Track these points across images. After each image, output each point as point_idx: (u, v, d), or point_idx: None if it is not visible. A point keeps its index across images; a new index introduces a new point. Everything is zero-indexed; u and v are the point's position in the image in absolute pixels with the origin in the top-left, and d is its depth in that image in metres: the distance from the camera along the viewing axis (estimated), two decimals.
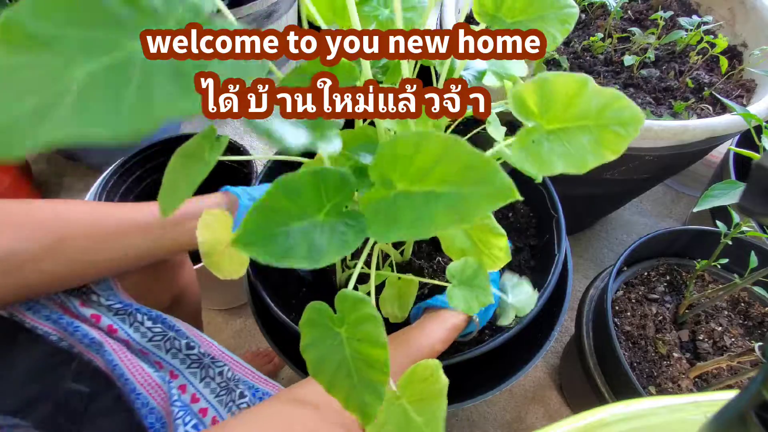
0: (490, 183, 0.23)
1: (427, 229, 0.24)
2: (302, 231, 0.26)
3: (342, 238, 0.26)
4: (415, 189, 0.25)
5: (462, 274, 0.43)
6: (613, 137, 0.32)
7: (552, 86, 0.32)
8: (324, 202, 0.27)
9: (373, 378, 0.32)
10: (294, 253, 0.25)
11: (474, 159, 0.24)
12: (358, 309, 0.33)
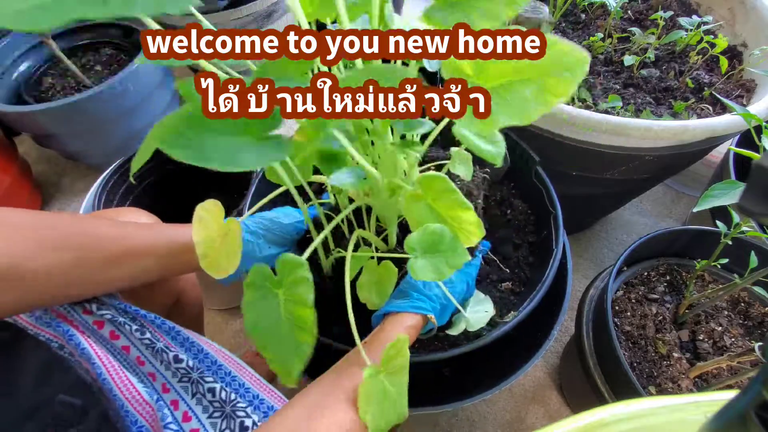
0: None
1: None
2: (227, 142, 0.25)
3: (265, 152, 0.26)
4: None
5: (422, 243, 0.41)
6: (558, 83, 0.31)
7: None
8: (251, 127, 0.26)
9: (301, 339, 0.34)
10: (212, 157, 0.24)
11: None
12: (294, 272, 0.34)
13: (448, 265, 0.41)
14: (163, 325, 0.50)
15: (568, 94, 0.31)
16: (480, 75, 0.32)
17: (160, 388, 0.48)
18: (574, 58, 0.30)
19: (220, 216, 0.43)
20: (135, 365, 0.49)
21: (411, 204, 0.41)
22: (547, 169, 0.68)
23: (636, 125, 0.69)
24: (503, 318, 0.59)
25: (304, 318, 0.34)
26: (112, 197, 0.91)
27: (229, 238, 0.44)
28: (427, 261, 0.41)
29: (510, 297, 0.63)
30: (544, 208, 0.68)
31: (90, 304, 0.47)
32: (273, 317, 0.35)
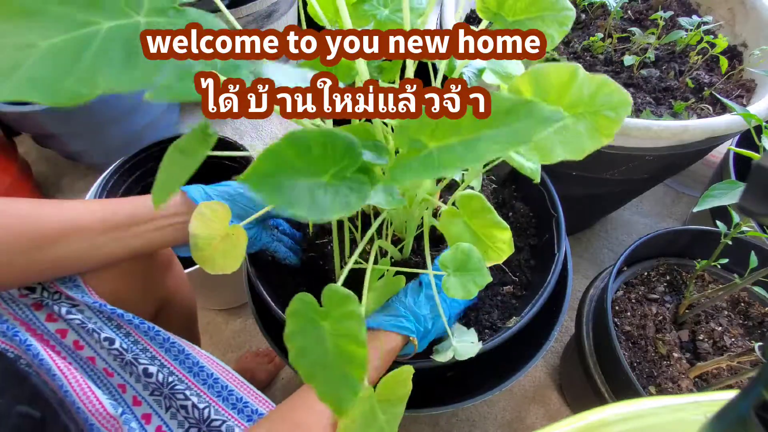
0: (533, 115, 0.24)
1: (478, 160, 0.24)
2: (307, 187, 0.26)
3: (345, 200, 0.26)
4: (454, 140, 0.26)
5: (454, 261, 0.43)
6: (606, 121, 0.33)
7: (545, 76, 0.33)
8: (329, 165, 0.27)
9: (351, 373, 0.33)
10: (298, 205, 0.25)
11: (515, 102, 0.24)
12: (343, 305, 0.34)
13: (475, 284, 0.43)
14: (141, 325, 0.48)
15: (612, 136, 0.34)
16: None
17: (131, 401, 0.46)
18: (620, 99, 0.33)
19: (225, 219, 0.44)
20: (103, 376, 0.47)
21: (448, 220, 0.44)
22: (547, 169, 0.68)
23: (636, 125, 0.69)
24: (505, 323, 0.59)
25: (355, 354, 0.33)
26: (112, 197, 0.91)
27: (231, 241, 0.44)
28: (456, 279, 0.43)
29: (512, 301, 0.63)
30: (546, 211, 0.68)
31: (59, 307, 0.45)
32: (320, 349, 0.34)
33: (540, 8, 0.35)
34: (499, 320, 0.60)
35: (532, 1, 0.35)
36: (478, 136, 0.25)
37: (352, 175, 0.28)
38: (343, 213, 0.26)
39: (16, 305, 0.44)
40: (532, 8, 0.35)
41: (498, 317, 0.61)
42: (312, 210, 0.25)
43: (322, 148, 0.26)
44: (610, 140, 0.34)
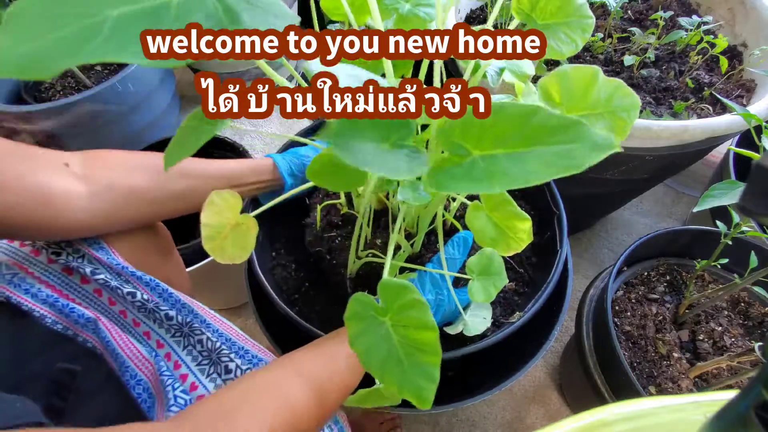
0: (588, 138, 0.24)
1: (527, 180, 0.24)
2: (374, 150, 0.27)
3: (412, 162, 0.27)
4: (500, 151, 0.26)
5: (479, 266, 0.46)
6: (621, 122, 0.36)
7: (571, 78, 0.36)
8: (391, 134, 0.28)
9: (425, 361, 0.33)
10: (374, 164, 0.26)
11: (563, 120, 0.25)
12: (402, 296, 0.33)
13: (495, 288, 0.47)
14: (156, 287, 0.52)
15: (625, 136, 0.37)
16: (566, 103, 0.37)
17: (155, 345, 0.51)
18: (631, 102, 0.36)
19: (236, 207, 0.45)
20: (131, 327, 0.51)
21: (473, 214, 0.46)
22: None
23: (636, 125, 0.69)
24: (508, 319, 0.59)
25: (426, 341, 0.33)
26: None
27: (241, 230, 0.45)
28: (480, 283, 0.46)
29: (514, 297, 0.63)
30: (548, 209, 0.68)
31: (85, 268, 0.49)
32: (386, 346, 0.34)
33: (566, 14, 0.37)
34: (501, 316, 0.60)
35: (560, 7, 0.37)
36: (527, 151, 0.25)
37: (407, 144, 0.29)
38: (412, 175, 0.27)
39: (51, 274, 0.49)
40: (560, 13, 0.37)
41: (500, 313, 0.61)
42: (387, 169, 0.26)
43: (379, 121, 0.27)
44: (623, 139, 0.36)
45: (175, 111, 1.38)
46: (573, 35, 0.38)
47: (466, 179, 0.26)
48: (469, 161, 0.27)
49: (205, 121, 0.34)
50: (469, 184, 0.26)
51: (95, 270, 0.49)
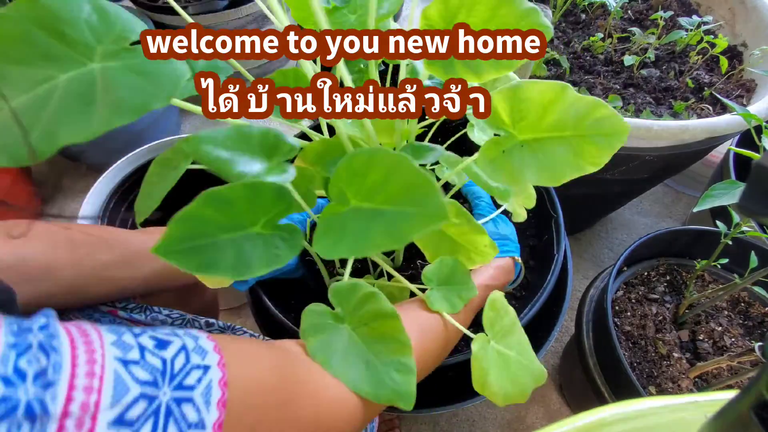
0: (426, 204, 0.23)
1: (366, 248, 0.24)
2: (232, 242, 0.25)
3: (275, 252, 0.26)
4: (365, 206, 0.25)
5: (439, 275, 0.42)
6: (594, 149, 0.30)
7: (526, 94, 0.30)
8: (259, 216, 0.27)
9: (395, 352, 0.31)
10: (218, 265, 0.25)
11: (416, 179, 0.23)
12: (354, 293, 0.32)
13: (459, 298, 0.42)
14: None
15: (601, 164, 0.30)
16: (517, 124, 0.31)
17: None
18: (614, 126, 0.29)
19: None
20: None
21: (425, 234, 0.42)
22: None
23: (636, 125, 0.69)
24: None
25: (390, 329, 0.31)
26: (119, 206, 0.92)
27: None
28: (441, 293, 0.42)
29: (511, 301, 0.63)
30: (545, 212, 0.67)
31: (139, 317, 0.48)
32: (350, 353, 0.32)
33: (501, 24, 0.29)
34: None
35: (490, 18, 0.29)
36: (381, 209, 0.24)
37: (284, 225, 0.27)
38: (271, 268, 0.26)
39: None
40: (490, 24, 0.30)
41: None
42: (236, 268, 0.25)
43: (246, 201, 0.26)
44: (595, 168, 0.31)
45: (175, 111, 1.38)
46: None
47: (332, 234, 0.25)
48: (345, 212, 0.26)
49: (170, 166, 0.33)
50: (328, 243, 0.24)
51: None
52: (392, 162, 0.24)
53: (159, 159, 0.34)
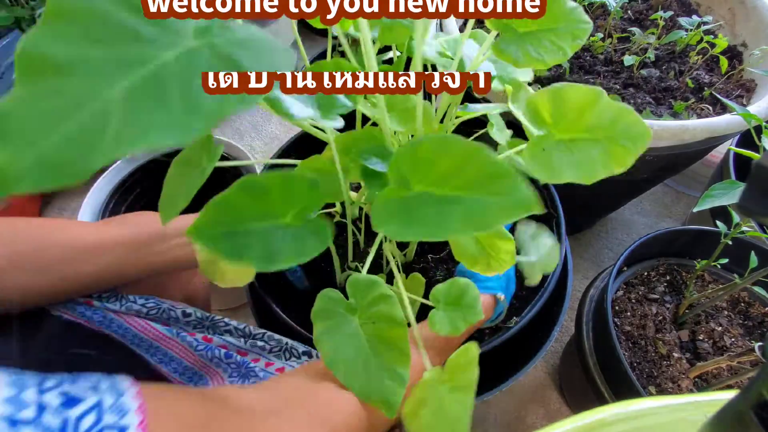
0: (512, 194, 0.23)
1: (443, 232, 0.23)
2: (262, 231, 0.26)
3: (303, 245, 0.26)
4: (436, 192, 0.25)
5: (448, 296, 0.42)
6: (622, 151, 0.33)
7: (566, 96, 0.33)
8: (291, 207, 0.27)
9: (393, 360, 0.31)
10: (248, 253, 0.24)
11: (498, 168, 0.23)
12: (372, 290, 0.32)
13: (464, 322, 0.41)
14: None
15: (627, 166, 0.34)
16: (557, 124, 0.34)
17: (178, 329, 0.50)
18: (639, 131, 0.33)
19: None
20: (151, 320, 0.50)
21: None
22: None
23: None
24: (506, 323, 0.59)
25: (396, 337, 0.31)
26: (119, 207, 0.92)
27: None
28: (445, 314, 0.41)
29: (512, 301, 0.63)
30: (546, 212, 0.68)
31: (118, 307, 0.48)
32: (353, 346, 0.32)
33: (553, 19, 0.33)
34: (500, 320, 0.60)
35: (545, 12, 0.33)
36: (458, 196, 0.24)
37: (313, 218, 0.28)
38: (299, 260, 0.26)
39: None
40: (544, 19, 0.33)
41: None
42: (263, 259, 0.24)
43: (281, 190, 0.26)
44: (622, 169, 0.34)
45: None
46: (560, 42, 0.34)
47: (396, 218, 0.24)
48: (408, 197, 0.25)
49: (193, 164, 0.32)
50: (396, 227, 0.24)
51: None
52: (467, 150, 0.24)
53: (178, 159, 0.34)
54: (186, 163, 0.33)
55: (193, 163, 0.32)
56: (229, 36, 0.20)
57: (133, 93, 0.17)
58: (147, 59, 0.18)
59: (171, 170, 0.34)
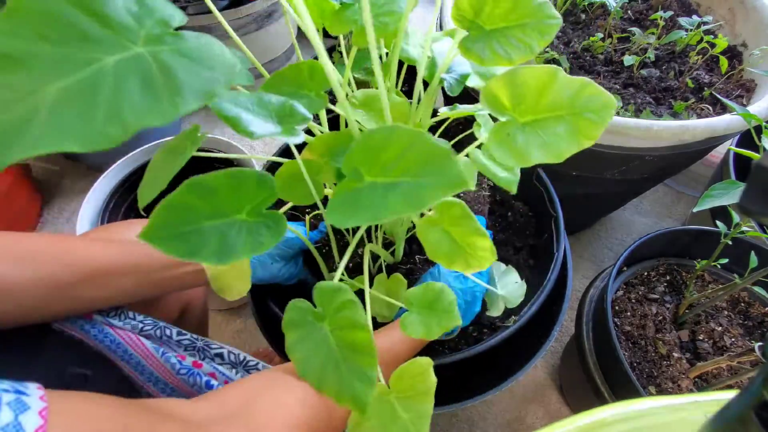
0: (444, 174, 0.23)
1: (381, 215, 0.24)
2: (215, 229, 0.26)
3: (258, 239, 0.27)
4: (380, 180, 0.26)
5: (422, 299, 0.42)
6: (588, 124, 0.33)
7: (522, 79, 0.33)
8: (243, 203, 0.28)
9: (361, 363, 0.32)
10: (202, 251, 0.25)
11: (435, 150, 0.24)
12: (337, 297, 0.33)
13: (439, 326, 0.41)
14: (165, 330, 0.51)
15: (596, 137, 0.33)
16: (517, 107, 0.33)
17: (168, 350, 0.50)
18: (602, 102, 0.32)
19: None
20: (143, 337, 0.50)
21: (426, 229, 0.41)
22: (546, 169, 0.68)
23: (636, 125, 0.69)
24: (505, 322, 0.59)
25: (360, 341, 0.32)
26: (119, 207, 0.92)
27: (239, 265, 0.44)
28: (420, 317, 0.42)
29: None
30: (545, 211, 0.68)
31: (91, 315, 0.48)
32: (323, 352, 0.33)
33: (520, 15, 0.33)
34: (498, 319, 0.60)
35: (512, 9, 0.33)
36: (397, 181, 0.25)
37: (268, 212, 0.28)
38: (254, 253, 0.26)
39: None
40: (511, 15, 0.33)
41: (497, 316, 0.61)
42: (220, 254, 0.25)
43: (229, 189, 0.27)
44: (591, 142, 0.33)
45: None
46: (527, 39, 0.33)
47: (343, 208, 0.25)
48: (359, 188, 0.26)
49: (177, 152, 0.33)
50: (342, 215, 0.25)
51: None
52: (410, 136, 0.25)
53: (165, 146, 0.34)
54: (171, 150, 0.34)
55: (178, 150, 0.33)
56: (179, 45, 0.21)
57: (64, 95, 0.17)
58: (89, 61, 0.19)
59: (156, 156, 0.34)
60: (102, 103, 0.18)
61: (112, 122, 0.18)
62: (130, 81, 0.19)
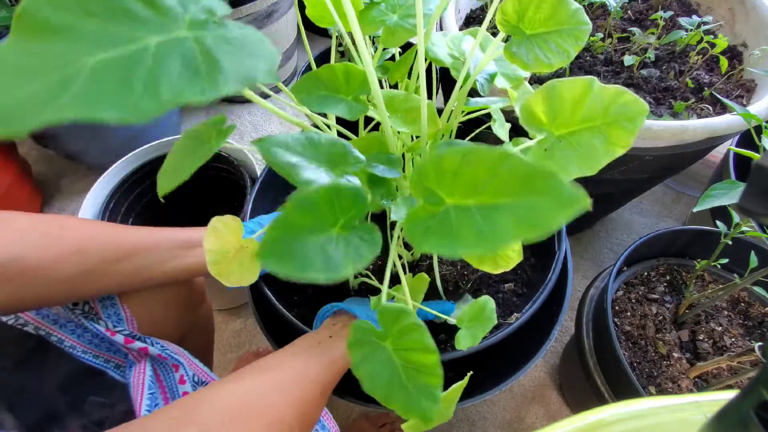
0: (557, 191, 0.22)
1: (495, 243, 0.22)
2: (319, 245, 0.26)
3: (357, 252, 0.26)
4: (472, 202, 0.24)
5: (470, 315, 0.45)
6: (622, 133, 0.33)
7: (558, 92, 0.33)
8: (338, 217, 0.27)
9: (427, 382, 0.33)
10: (312, 267, 0.25)
11: (532, 169, 0.22)
12: (401, 320, 0.33)
13: (482, 332, 0.45)
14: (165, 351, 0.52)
15: (629, 145, 0.33)
16: (553, 122, 0.34)
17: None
18: (636, 109, 0.33)
19: (238, 231, 0.44)
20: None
21: None
22: None
23: None
24: (506, 320, 0.59)
25: (426, 363, 0.33)
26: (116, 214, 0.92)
27: (246, 253, 0.44)
28: (468, 331, 0.45)
29: (513, 298, 0.63)
30: None
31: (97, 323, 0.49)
32: (388, 369, 0.34)
33: (558, 22, 0.35)
34: (500, 317, 0.60)
35: (551, 15, 0.35)
36: (497, 204, 0.23)
37: (360, 225, 0.28)
38: (359, 267, 0.26)
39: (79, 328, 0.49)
40: (550, 22, 0.35)
41: (499, 314, 0.61)
42: (326, 270, 0.25)
43: (328, 202, 0.26)
44: (624, 150, 0.33)
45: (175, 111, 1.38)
46: (565, 45, 0.35)
47: (437, 235, 0.24)
48: (443, 212, 0.25)
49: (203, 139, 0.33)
50: (441, 242, 0.23)
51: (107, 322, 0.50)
52: (494, 157, 0.23)
53: (189, 132, 0.34)
54: (195, 136, 0.33)
55: (203, 138, 0.33)
56: (222, 32, 0.21)
57: (102, 66, 0.18)
58: (132, 40, 0.19)
59: (180, 141, 0.34)
60: (140, 78, 0.18)
61: (149, 96, 0.18)
62: (171, 60, 0.19)
